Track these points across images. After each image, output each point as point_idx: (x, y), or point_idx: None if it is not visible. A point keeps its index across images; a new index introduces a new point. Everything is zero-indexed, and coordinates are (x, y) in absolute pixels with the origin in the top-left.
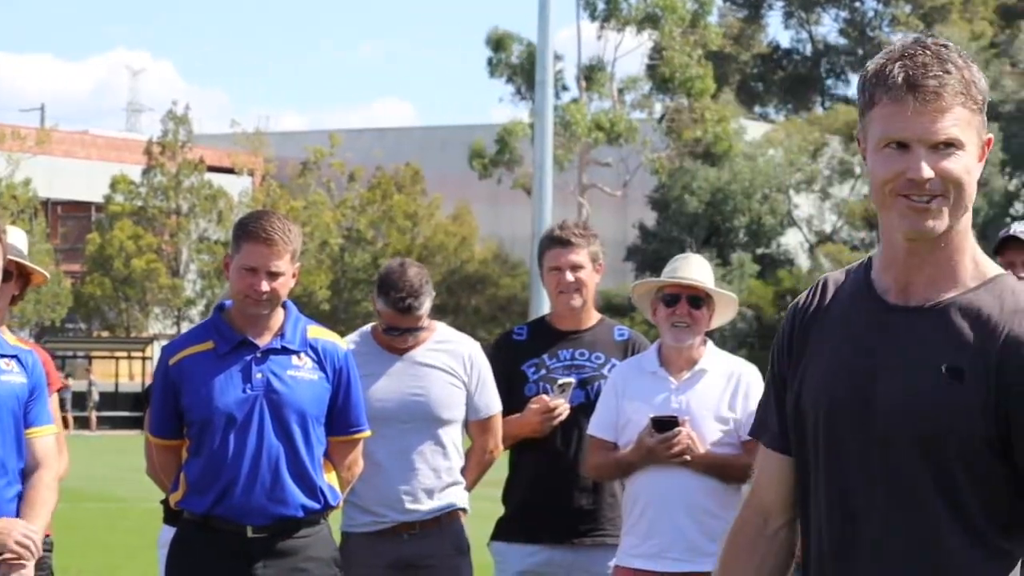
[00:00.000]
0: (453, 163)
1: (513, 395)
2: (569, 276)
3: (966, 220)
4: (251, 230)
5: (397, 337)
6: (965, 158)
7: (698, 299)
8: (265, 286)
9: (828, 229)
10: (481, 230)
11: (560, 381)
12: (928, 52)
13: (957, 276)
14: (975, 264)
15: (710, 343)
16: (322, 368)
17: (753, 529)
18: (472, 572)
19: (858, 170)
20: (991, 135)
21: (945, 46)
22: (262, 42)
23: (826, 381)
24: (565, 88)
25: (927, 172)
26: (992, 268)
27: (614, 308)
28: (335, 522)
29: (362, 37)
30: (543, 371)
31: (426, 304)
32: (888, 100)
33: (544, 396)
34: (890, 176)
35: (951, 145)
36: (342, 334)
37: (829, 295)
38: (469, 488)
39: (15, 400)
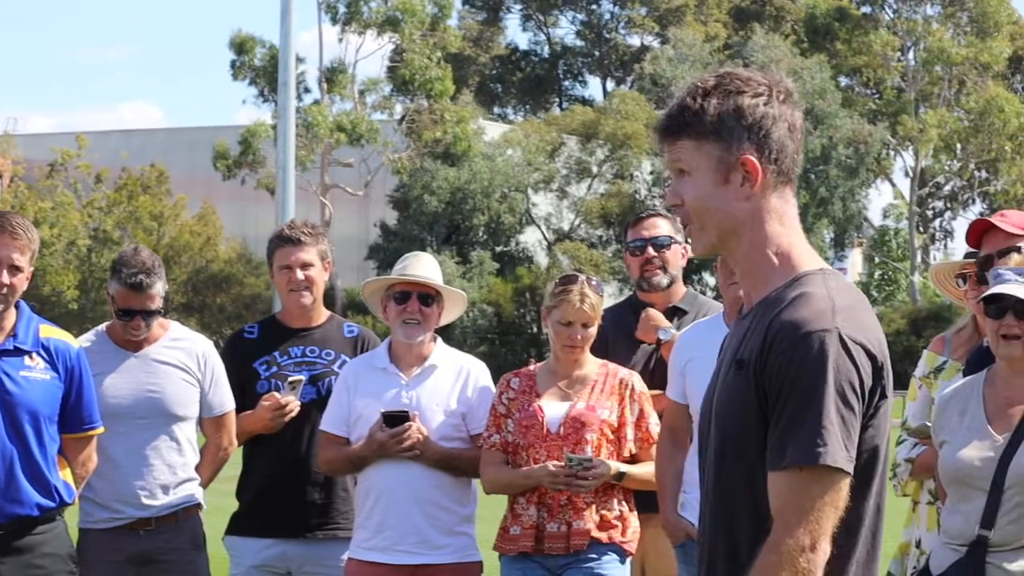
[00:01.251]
0: (198, 164)
1: (246, 392)
2: (299, 274)
3: (752, 234)
4: None
5: (130, 323)
6: (691, 183)
7: (428, 296)
8: (6, 278)
9: (566, 227)
10: (226, 230)
11: (291, 378)
12: (676, 99)
13: (767, 280)
14: (784, 265)
15: (439, 340)
16: (54, 367)
17: None
18: (208, 566)
19: (595, 169)
20: (751, 156)
21: (696, 85)
22: (6, 44)
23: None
24: (307, 90)
25: (669, 199)
26: (804, 266)
27: (357, 306)
28: (72, 518)
29: (107, 40)
30: (274, 368)
31: (158, 285)
32: None
33: (275, 393)
34: None
35: (686, 174)
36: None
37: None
38: (204, 485)
39: None
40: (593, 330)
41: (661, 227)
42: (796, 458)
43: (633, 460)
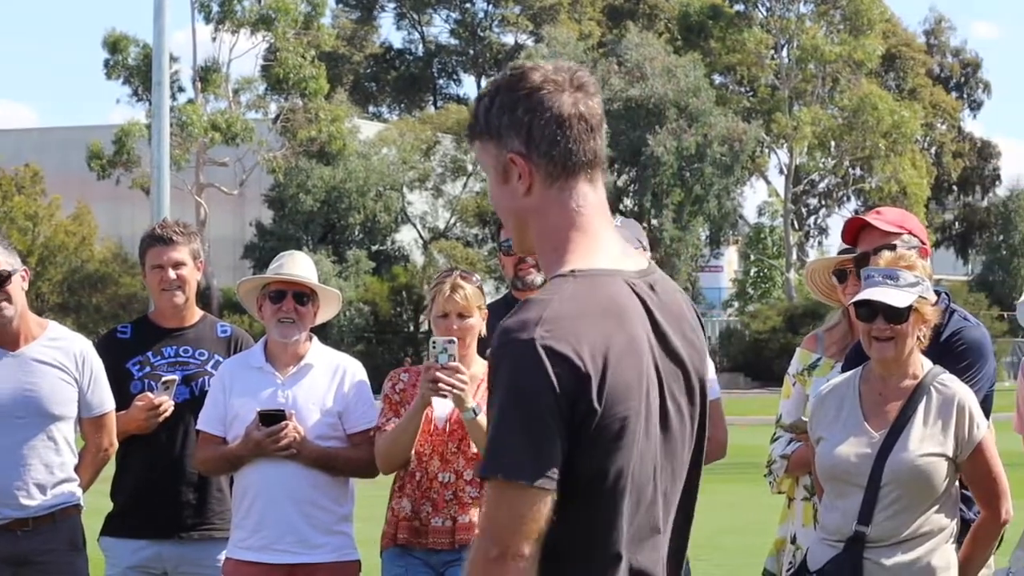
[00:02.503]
0: (72, 164)
1: (120, 393)
2: (171, 273)
3: (538, 230)
4: None
5: None
6: (490, 185)
7: (303, 295)
8: None
9: (442, 226)
10: (101, 230)
11: (164, 378)
12: None
13: (547, 276)
14: (557, 261)
15: (315, 339)
16: None
17: None
18: (88, 568)
19: (470, 168)
20: (516, 152)
21: (482, 91)
22: None
23: None
24: (181, 89)
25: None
26: (568, 265)
27: (233, 306)
28: None
29: None
30: (148, 368)
31: (1, 252)
32: None
33: (149, 393)
34: None
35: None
36: None
37: None
38: (85, 487)
39: None
40: (472, 321)
41: None
42: (481, 469)
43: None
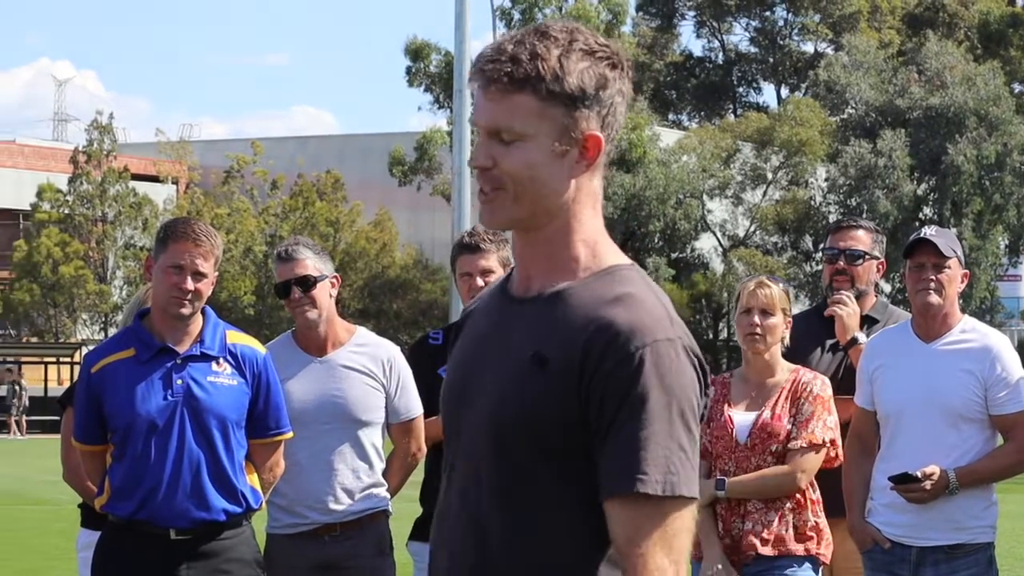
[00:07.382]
0: (373, 170)
1: (431, 399)
2: (479, 281)
3: (568, 213)
4: (179, 230)
5: (290, 299)
6: (527, 152)
7: None
8: (190, 284)
9: (741, 233)
10: (402, 236)
11: None
12: (515, 39)
13: (569, 267)
14: (593, 255)
15: None
16: (241, 373)
17: None
18: (395, 572)
19: (770, 176)
20: (596, 133)
21: (545, 33)
22: (178, 51)
23: (449, 372)
24: None
25: (479, 159)
26: (613, 258)
27: None
28: (260, 523)
29: (279, 46)
30: None
31: (310, 256)
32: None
33: None
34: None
35: (513, 137)
36: (266, 339)
37: (487, 296)
38: (393, 492)
39: None
40: (774, 320)
41: (859, 240)
42: (655, 486)
43: (779, 459)
